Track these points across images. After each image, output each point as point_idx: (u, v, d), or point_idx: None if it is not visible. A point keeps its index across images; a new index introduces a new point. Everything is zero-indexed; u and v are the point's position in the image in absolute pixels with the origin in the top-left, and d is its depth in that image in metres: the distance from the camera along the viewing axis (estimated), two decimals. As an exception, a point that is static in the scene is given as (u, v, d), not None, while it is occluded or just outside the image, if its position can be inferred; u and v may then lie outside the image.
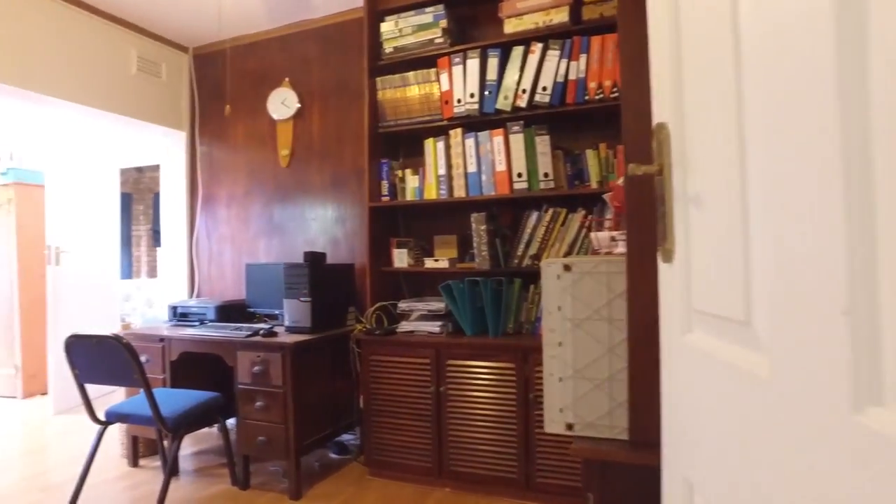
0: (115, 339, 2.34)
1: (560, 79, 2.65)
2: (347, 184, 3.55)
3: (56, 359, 4.40)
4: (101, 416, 2.61)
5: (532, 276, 2.82)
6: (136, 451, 3.18)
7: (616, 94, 2.54)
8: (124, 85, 3.75)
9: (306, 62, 3.70)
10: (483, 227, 2.72)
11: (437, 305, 2.86)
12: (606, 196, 1.64)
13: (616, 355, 1.14)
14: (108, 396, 4.57)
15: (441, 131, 2.94)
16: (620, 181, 1.43)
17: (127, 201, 8.38)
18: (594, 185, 2.67)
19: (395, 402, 2.80)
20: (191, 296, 4.13)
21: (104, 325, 4.94)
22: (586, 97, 2.60)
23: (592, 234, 1.57)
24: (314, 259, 3.03)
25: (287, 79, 3.72)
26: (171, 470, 2.47)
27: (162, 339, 3.08)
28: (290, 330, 2.98)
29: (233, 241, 3.97)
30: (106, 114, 3.69)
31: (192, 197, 4.16)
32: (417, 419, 2.75)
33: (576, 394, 1.16)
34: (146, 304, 7.40)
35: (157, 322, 3.76)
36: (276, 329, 3.01)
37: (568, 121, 2.88)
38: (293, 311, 2.98)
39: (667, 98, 0.81)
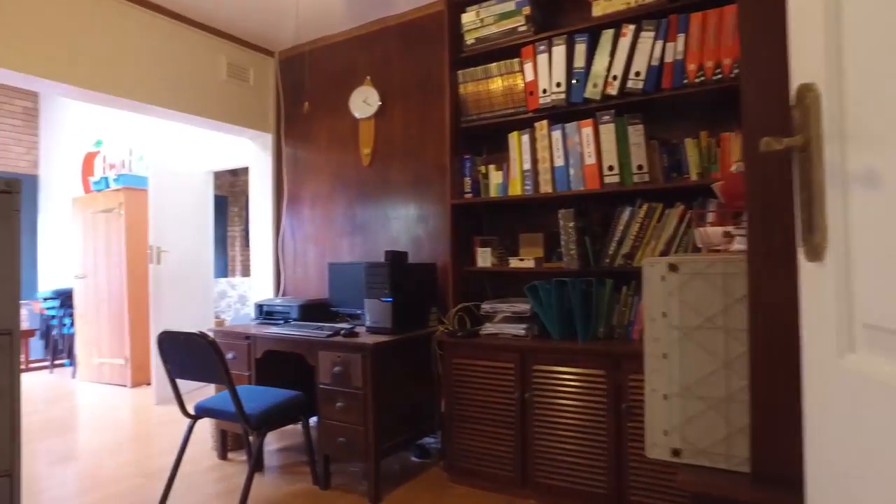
0: (202, 337, 2.38)
1: (655, 62, 2.43)
2: (430, 181, 3.49)
3: (157, 352, 4.65)
4: (192, 411, 2.68)
5: (624, 277, 2.62)
6: (225, 445, 3.26)
7: (719, 76, 2.29)
8: (215, 91, 3.88)
9: (387, 59, 3.66)
10: (571, 225, 2.55)
11: (522, 307, 2.71)
12: (716, 187, 1.44)
13: (734, 371, 0.97)
14: (203, 389, 4.77)
15: (526, 124, 2.80)
16: (735, 168, 1.24)
17: (223, 203, 8.81)
18: (694, 177, 2.43)
19: (477, 407, 2.69)
20: (276, 294, 4.22)
21: (200, 321, 5.18)
22: (685, 81, 2.37)
23: (698, 230, 1.38)
24: (395, 258, 2.98)
25: (368, 77, 3.71)
26: (255, 466, 2.48)
27: (248, 337, 3.14)
28: (371, 330, 2.94)
29: (316, 241, 4.01)
30: (199, 119, 3.83)
31: (278, 197, 4.25)
32: (501, 426, 2.63)
33: (684, 414, 0.99)
34: (239, 302, 7.74)
35: (248, 319, 3.87)
36: (358, 329, 2.98)
37: (664, 108, 2.65)
38: (374, 312, 2.94)
39: (817, 53, 0.64)
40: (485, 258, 2.91)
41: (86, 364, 5.60)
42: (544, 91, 2.67)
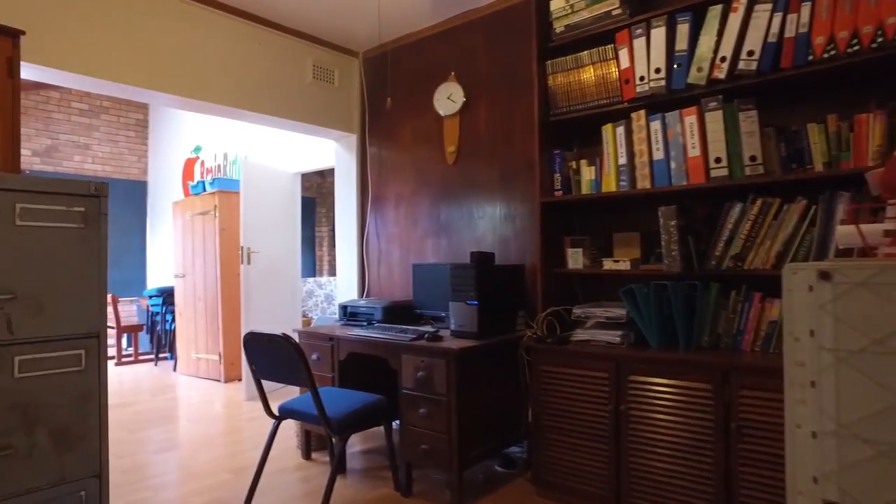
0: (284, 338, 2.36)
1: (772, 38, 2.16)
2: (517, 179, 3.34)
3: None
4: (276, 411, 2.69)
5: (733, 281, 2.35)
6: (309, 445, 3.27)
7: (856, 47, 1.99)
8: (301, 93, 3.93)
9: (472, 54, 3.55)
10: (672, 223, 2.32)
11: (617, 312, 2.51)
12: (872, 175, 1.21)
13: (911, 407, 0.77)
14: (288, 388, 4.87)
15: (621, 115, 2.59)
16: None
17: (311, 205, 9.06)
18: (819, 167, 2.13)
19: (567, 418, 2.51)
20: (361, 295, 4.22)
21: (288, 320, 5.31)
22: (810, 57, 2.08)
23: (844, 228, 1.15)
24: (481, 260, 2.86)
25: (453, 73, 3.61)
26: (337, 468, 2.44)
27: (331, 339, 3.13)
28: (456, 334, 2.84)
29: (401, 241, 3.96)
30: (286, 121, 3.89)
31: (363, 197, 4.25)
32: (593, 440, 2.44)
33: (843, 459, 0.80)
34: (326, 301, 7.91)
35: (333, 320, 3.89)
36: (442, 333, 2.89)
37: (782, 91, 2.35)
38: (459, 315, 2.83)
39: None
40: (576, 259, 2.73)
41: (184, 359, 5.90)
42: (641, 78, 2.45)
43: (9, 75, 1.84)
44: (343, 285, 4.36)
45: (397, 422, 2.83)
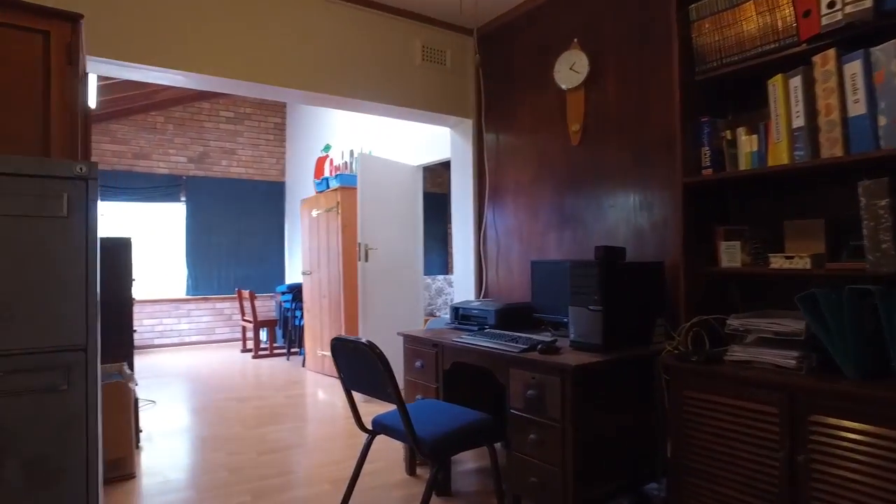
0: (369, 346, 2.06)
1: None
2: (655, 158, 2.77)
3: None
4: (370, 424, 2.41)
5: (980, 286, 1.63)
6: (414, 459, 2.97)
7: None
8: (410, 77, 3.65)
9: (596, 16, 3.02)
10: (882, 204, 1.66)
11: (791, 326, 1.88)
12: None
13: None
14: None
15: (796, 62, 1.94)
16: None
17: (443, 201, 8.90)
18: None
19: (719, 461, 1.93)
20: (478, 295, 3.85)
21: (408, 320, 5.10)
22: None
23: None
24: (608, 256, 2.35)
25: (575, 39, 3.11)
26: (440, 489, 2.09)
27: (435, 345, 2.79)
28: (576, 346, 2.36)
29: (521, 236, 3.53)
30: (395, 108, 3.63)
31: (480, 188, 3.88)
32: (755, 494, 1.84)
33: None
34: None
35: (445, 323, 3.57)
36: (560, 343, 2.42)
37: None
38: (580, 323, 2.35)
39: None
40: (732, 255, 2.12)
41: (312, 355, 5.95)
42: (831, 4, 1.80)
43: (68, 62, 1.71)
44: (460, 284, 4.02)
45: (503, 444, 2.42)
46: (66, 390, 1.01)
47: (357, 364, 2.20)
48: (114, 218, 7.40)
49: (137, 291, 7.44)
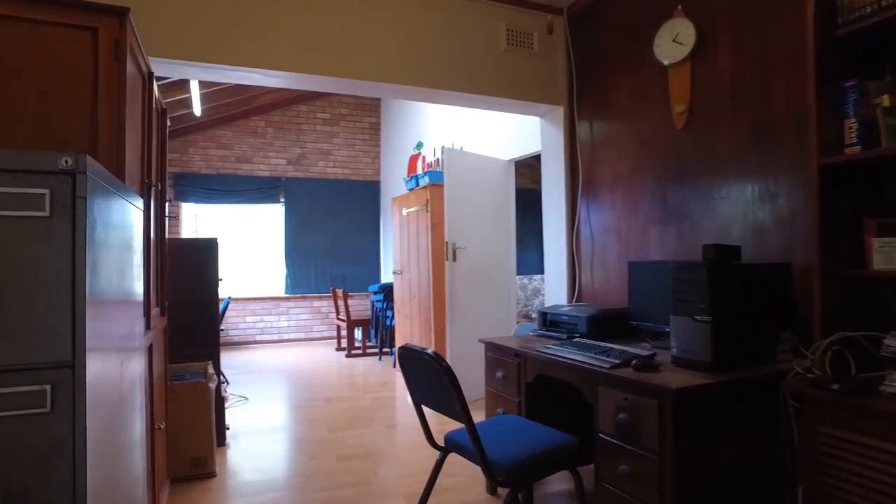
0: (435, 359, 1.83)
1: None
2: (778, 137, 2.31)
3: (452, 352, 4.44)
4: (442, 440, 2.18)
5: None
6: (496, 481, 2.70)
7: None
8: (495, 64, 3.39)
9: (711, -25, 2.60)
10: None
11: (977, 349, 1.42)
12: None
13: None
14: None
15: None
16: None
17: (537, 198, 8.54)
18: None
19: (872, 518, 1.51)
20: (571, 299, 3.51)
21: (500, 323, 4.84)
22: None
23: None
24: (719, 255, 1.97)
25: (679, 6, 2.70)
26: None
27: (517, 355, 2.51)
28: (679, 362, 1.99)
29: (618, 233, 3.16)
30: (480, 97, 3.39)
31: (573, 182, 3.54)
32: (926, 566, 1.40)
33: None
34: (552, 301, 7.30)
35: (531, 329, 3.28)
36: (659, 358, 2.06)
37: None
38: (684, 335, 1.98)
39: None
40: (887, 256, 1.67)
41: (402, 356, 5.84)
42: None
43: (115, 58, 1.62)
44: (551, 287, 3.71)
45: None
46: (49, 413, 0.86)
47: (424, 377, 1.98)
48: (218, 219, 7.76)
49: (240, 290, 7.77)
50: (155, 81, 2.21)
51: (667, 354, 2.12)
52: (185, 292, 3.42)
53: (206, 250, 3.50)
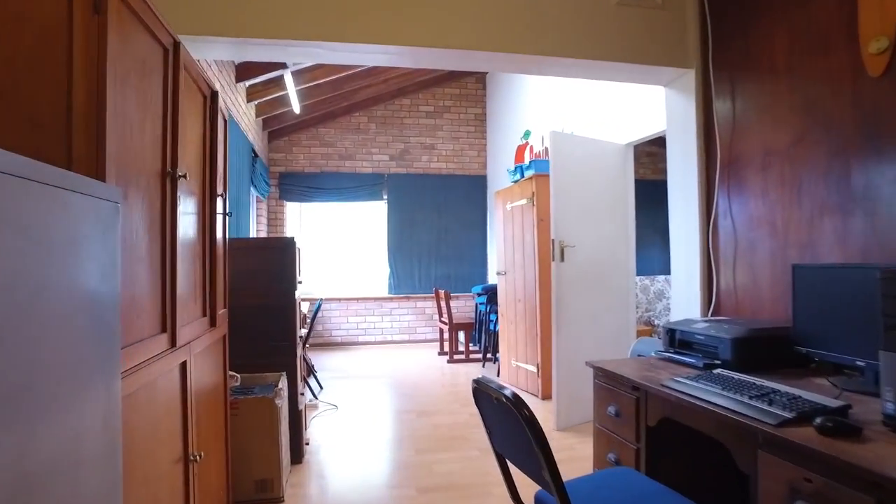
0: (513, 404, 1.29)
1: None
2: None
3: (558, 366, 3.84)
4: (530, 498, 1.64)
5: None
6: (608, 547, 2.10)
7: None
8: (606, 21, 2.76)
9: None
10: None
11: None
12: None
13: None
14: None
15: None
16: None
17: (664, 189, 7.61)
18: None
19: None
20: (705, 311, 2.79)
21: (616, 331, 4.16)
22: None
23: None
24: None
25: None
26: None
27: (636, 388, 1.90)
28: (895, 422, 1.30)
29: (772, 226, 2.42)
30: (590, 64, 2.78)
31: (708, 164, 2.82)
32: None
33: None
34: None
35: (656, 347, 2.62)
36: (858, 414, 1.37)
37: None
38: (901, 379, 1.28)
39: None
40: None
41: (507, 365, 5.32)
42: None
43: (94, 10, 1.25)
44: (679, 295, 3.00)
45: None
46: None
47: (504, 425, 1.45)
48: (322, 218, 7.68)
49: (343, 290, 7.63)
50: (194, 58, 1.88)
51: (867, 405, 1.42)
52: (258, 296, 3.14)
53: (281, 251, 3.20)
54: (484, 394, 1.49)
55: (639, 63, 2.80)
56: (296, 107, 5.96)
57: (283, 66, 5.01)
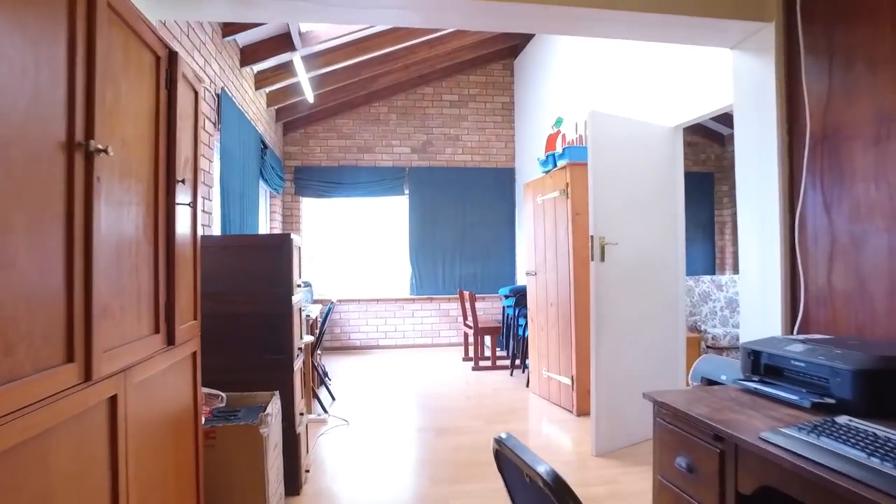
0: (553, 491, 0.80)
1: None
2: None
3: (598, 380, 3.33)
4: None
5: None
6: None
7: None
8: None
9: None
10: None
11: None
12: None
13: None
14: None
15: None
16: None
17: (707, 181, 7.00)
18: None
19: None
20: (789, 325, 2.24)
21: (664, 341, 3.62)
22: None
23: None
24: None
25: None
26: None
27: (719, 439, 1.38)
28: None
29: (886, 217, 1.87)
30: (636, 19, 2.26)
31: (791, 142, 2.27)
32: None
33: None
34: (728, 309, 5.82)
35: (732, 363, 2.09)
36: None
37: None
38: None
39: None
40: None
41: (536, 374, 4.80)
42: None
43: None
44: (751, 303, 2.46)
45: None
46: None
47: (527, 492, 0.96)
48: (340, 215, 7.27)
49: (362, 290, 7.21)
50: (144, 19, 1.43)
51: None
52: (248, 302, 2.71)
53: (276, 250, 2.76)
54: (509, 462, 1.00)
55: (702, 15, 2.27)
56: (309, 95, 5.54)
57: (292, 47, 4.58)
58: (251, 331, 2.73)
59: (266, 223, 6.40)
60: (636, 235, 3.50)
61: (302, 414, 2.96)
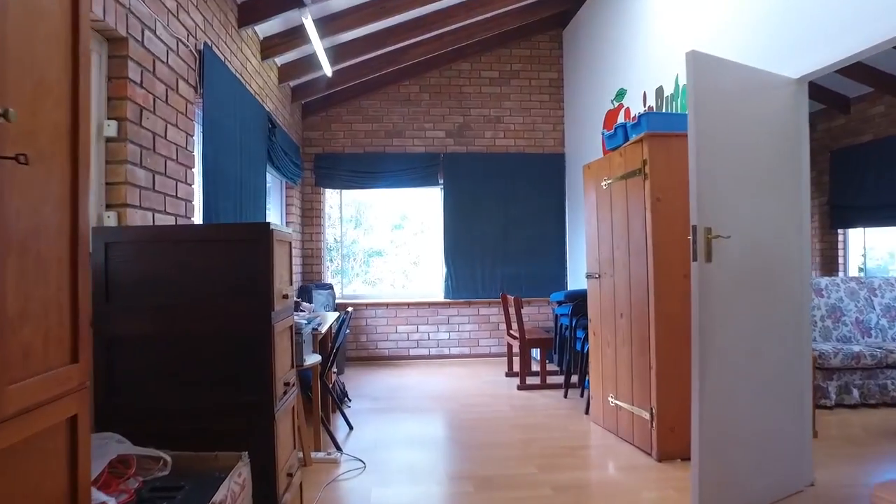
0: None
1: None
2: None
3: (702, 422, 2.40)
4: None
5: None
6: None
7: None
8: None
9: None
10: None
11: None
12: None
13: None
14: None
15: None
16: None
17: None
18: None
19: None
20: None
21: (785, 364, 2.67)
22: None
23: None
24: None
25: None
26: None
27: None
28: None
29: None
30: None
31: None
32: None
33: None
34: (829, 318, 4.78)
35: None
36: None
37: None
38: None
39: None
40: None
41: (598, 399, 3.88)
42: None
43: None
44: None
45: None
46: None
47: None
48: (367, 207, 6.48)
49: (392, 294, 6.42)
50: None
51: None
52: (207, 317, 1.90)
53: (249, 246, 1.94)
54: None
55: None
56: (326, 68, 4.73)
57: (300, 2, 3.77)
58: (217, 360, 1.92)
59: (281, 217, 5.65)
60: (752, 226, 2.56)
61: (290, 475, 2.12)
